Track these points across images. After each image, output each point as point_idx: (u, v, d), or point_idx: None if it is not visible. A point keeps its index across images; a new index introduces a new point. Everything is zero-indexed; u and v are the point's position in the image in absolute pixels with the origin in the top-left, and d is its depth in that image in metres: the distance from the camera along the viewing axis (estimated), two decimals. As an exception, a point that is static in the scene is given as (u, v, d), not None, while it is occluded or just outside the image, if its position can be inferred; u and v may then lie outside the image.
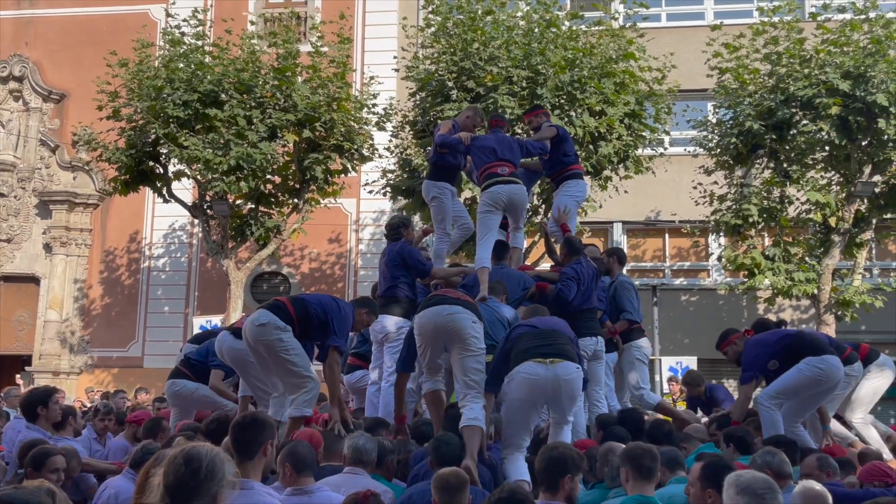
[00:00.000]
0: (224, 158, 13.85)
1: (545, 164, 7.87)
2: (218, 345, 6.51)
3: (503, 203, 7.17)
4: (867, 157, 13.67)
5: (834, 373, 6.11)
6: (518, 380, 5.14)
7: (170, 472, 2.46)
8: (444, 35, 13.91)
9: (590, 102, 13.03)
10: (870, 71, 12.68)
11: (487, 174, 7.20)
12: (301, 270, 19.00)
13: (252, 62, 14.58)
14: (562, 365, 5.14)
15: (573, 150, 7.83)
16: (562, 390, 5.16)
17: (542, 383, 5.10)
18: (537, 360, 5.11)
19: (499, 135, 7.50)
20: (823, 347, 6.22)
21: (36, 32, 20.43)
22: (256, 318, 5.69)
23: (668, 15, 18.83)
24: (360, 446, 4.45)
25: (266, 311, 5.70)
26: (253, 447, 3.45)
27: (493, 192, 7.12)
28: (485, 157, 7.24)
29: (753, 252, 13.91)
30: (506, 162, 7.18)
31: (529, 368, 5.09)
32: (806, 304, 16.22)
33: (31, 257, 19.66)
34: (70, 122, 19.41)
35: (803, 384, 6.10)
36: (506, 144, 7.31)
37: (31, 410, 5.94)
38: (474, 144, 7.33)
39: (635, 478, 4.05)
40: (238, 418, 3.59)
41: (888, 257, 17.74)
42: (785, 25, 13.83)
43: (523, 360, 5.14)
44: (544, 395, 5.21)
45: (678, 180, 16.13)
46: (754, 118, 13.49)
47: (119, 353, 19.13)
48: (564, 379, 5.14)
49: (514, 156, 7.28)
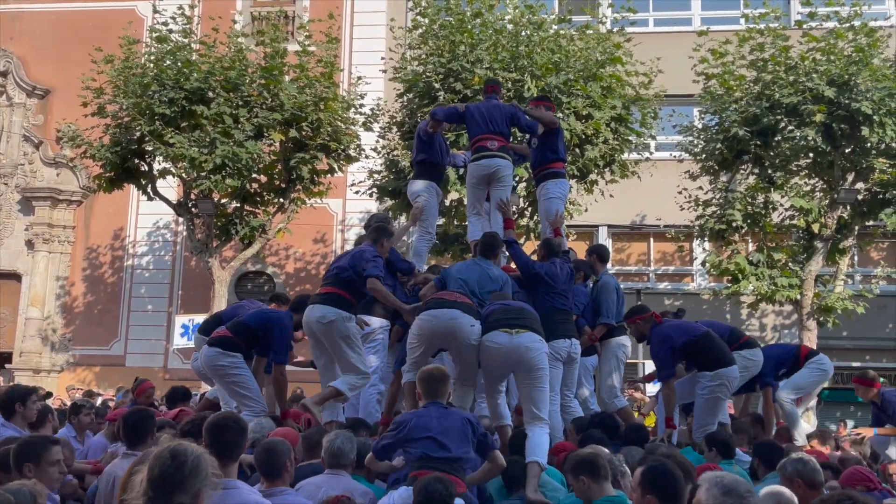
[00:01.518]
0: (210, 157, 13.78)
1: (533, 153, 7.82)
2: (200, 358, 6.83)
3: (488, 176, 7.41)
4: (850, 165, 13.76)
5: (731, 382, 6.69)
6: (484, 348, 5.49)
7: (155, 465, 2.51)
8: (432, 37, 13.90)
9: (576, 106, 13.05)
10: (854, 79, 12.78)
11: (477, 146, 7.41)
12: (286, 270, 18.91)
13: (239, 60, 14.50)
14: (525, 335, 5.44)
15: (563, 147, 7.78)
16: (523, 358, 5.42)
17: (504, 351, 5.42)
18: (504, 329, 5.43)
19: (491, 103, 7.58)
20: (719, 359, 6.68)
21: (21, 27, 20.24)
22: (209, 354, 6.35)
23: (656, 20, 18.90)
24: (336, 447, 4.39)
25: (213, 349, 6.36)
26: (235, 449, 3.43)
27: (480, 165, 7.40)
28: (477, 128, 7.41)
29: (737, 257, 13.97)
30: (495, 135, 7.34)
31: (494, 337, 5.43)
32: (789, 309, 16.32)
33: (12, 254, 19.46)
34: (54, 119, 19.22)
35: (707, 401, 6.67)
36: (497, 114, 7.41)
37: (8, 408, 5.87)
38: (469, 112, 7.48)
39: (595, 481, 4.06)
40: (216, 420, 3.53)
41: (870, 264, 17.87)
42: (771, 33, 13.90)
43: (491, 329, 5.48)
44: (506, 365, 5.53)
45: (663, 185, 16.17)
46: (739, 124, 13.55)
47: (101, 351, 18.96)
48: (526, 346, 5.41)
49: (504, 127, 7.42)
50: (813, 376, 7.59)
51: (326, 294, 6.14)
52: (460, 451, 4.32)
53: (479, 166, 7.41)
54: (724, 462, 5.28)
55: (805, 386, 7.60)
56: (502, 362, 5.55)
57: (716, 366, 6.63)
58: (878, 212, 13.86)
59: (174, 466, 2.51)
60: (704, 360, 6.71)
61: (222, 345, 6.31)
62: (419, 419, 4.43)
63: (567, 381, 6.77)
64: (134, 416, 4.73)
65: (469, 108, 7.55)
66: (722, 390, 6.62)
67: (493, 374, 5.70)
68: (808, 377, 7.57)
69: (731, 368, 6.64)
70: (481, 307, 5.90)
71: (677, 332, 6.80)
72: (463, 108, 7.57)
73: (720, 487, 3.00)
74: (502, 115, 7.42)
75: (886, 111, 12.78)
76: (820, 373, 7.60)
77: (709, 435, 5.80)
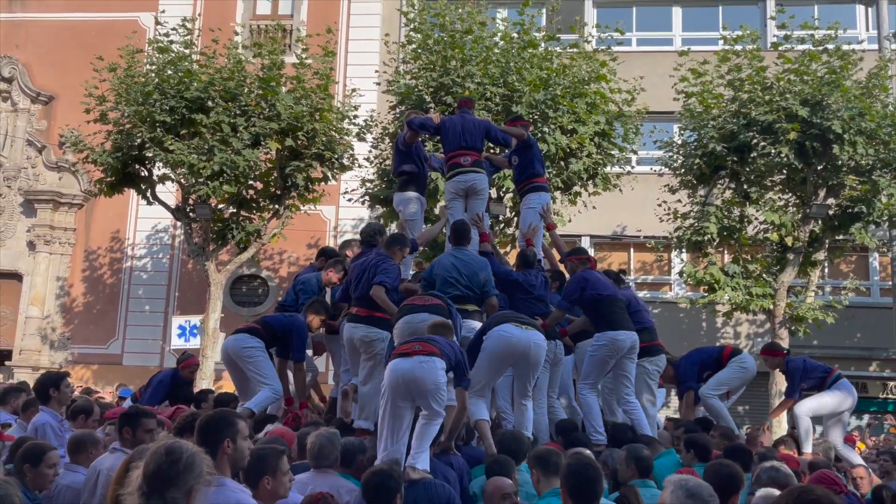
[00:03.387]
0: (208, 163, 13.75)
1: (515, 170, 7.92)
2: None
3: (464, 190, 7.45)
4: (822, 181, 13.86)
5: (616, 347, 6.69)
6: (494, 336, 5.68)
7: (151, 461, 2.54)
8: (425, 52, 13.93)
9: (562, 121, 13.09)
10: (826, 99, 12.88)
11: (452, 163, 7.45)
12: (280, 274, 18.85)
13: (238, 71, 14.48)
14: (534, 332, 5.77)
15: (540, 160, 7.86)
16: (530, 352, 5.70)
17: (514, 342, 5.66)
18: (515, 323, 5.71)
19: (466, 117, 7.56)
20: (610, 323, 6.72)
21: (27, 35, 20.14)
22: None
23: (639, 40, 19.02)
24: (318, 447, 4.38)
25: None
26: (209, 448, 3.24)
27: (455, 181, 7.45)
28: (451, 143, 7.43)
29: (713, 268, 14.03)
30: (469, 150, 7.38)
31: (507, 328, 5.68)
32: (762, 318, 16.39)
33: (14, 254, 19.31)
34: (57, 124, 19.14)
35: (592, 358, 6.83)
36: (471, 128, 7.43)
37: (44, 393, 6.00)
38: (444, 126, 7.50)
39: (544, 475, 4.14)
40: (202, 418, 3.48)
41: (840, 276, 17.99)
42: (748, 54, 14.00)
43: (502, 322, 5.73)
44: (514, 356, 5.75)
45: (644, 197, 16.24)
46: (717, 140, 13.63)
47: (99, 350, 18.83)
48: (534, 342, 5.72)
49: (477, 142, 7.45)
50: (734, 374, 7.68)
51: (422, 304, 5.95)
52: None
53: (455, 182, 7.44)
54: (699, 465, 5.26)
55: (726, 381, 7.68)
56: (510, 353, 5.74)
57: (605, 328, 6.66)
58: (848, 226, 13.96)
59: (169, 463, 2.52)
60: (601, 320, 6.72)
61: (249, 332, 6.89)
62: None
63: (552, 382, 6.81)
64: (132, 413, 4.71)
65: (444, 122, 7.54)
66: (603, 350, 6.64)
67: (496, 365, 5.85)
68: (730, 374, 7.66)
69: (618, 333, 6.63)
70: (481, 297, 6.33)
71: (593, 283, 6.80)
72: (438, 121, 7.56)
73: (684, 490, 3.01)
74: (476, 129, 7.44)
75: (857, 130, 12.89)
76: (741, 370, 7.69)
77: (689, 437, 5.79)
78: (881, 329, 16.42)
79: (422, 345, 4.95)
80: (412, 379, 4.78)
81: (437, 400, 4.82)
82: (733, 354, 7.78)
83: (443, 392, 4.85)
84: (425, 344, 4.95)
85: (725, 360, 7.74)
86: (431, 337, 5.11)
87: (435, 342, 5.00)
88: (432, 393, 4.79)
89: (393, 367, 4.89)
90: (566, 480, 3.49)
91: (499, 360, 5.82)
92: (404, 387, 4.81)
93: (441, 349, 4.93)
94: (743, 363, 7.69)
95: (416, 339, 5.08)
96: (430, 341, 5.00)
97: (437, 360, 4.85)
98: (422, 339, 5.08)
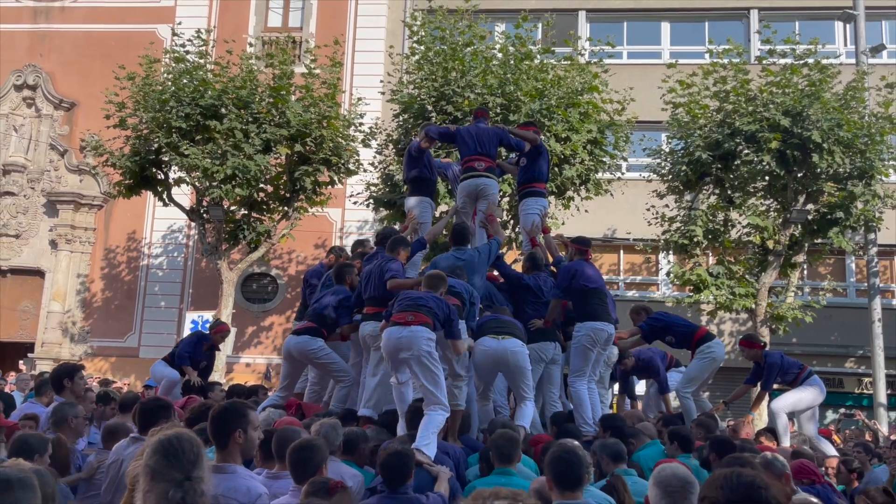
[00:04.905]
0: (221, 167, 13.78)
1: (520, 171, 7.88)
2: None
3: (475, 194, 7.51)
4: (802, 188, 13.88)
5: (596, 336, 6.72)
6: (478, 351, 6.04)
7: (157, 446, 2.53)
8: (427, 63, 13.94)
9: (556, 129, 13.10)
10: (807, 110, 12.90)
11: (466, 167, 7.51)
12: (288, 273, 18.86)
13: (250, 80, 14.50)
14: (510, 340, 6.01)
15: (546, 169, 7.84)
16: (509, 359, 5.99)
17: (491, 353, 5.99)
18: (492, 335, 6.02)
19: (480, 126, 7.63)
20: (590, 314, 6.74)
21: (50, 45, 20.15)
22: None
23: (629, 53, 19.02)
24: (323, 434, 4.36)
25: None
26: (222, 438, 3.29)
27: (468, 184, 7.50)
28: (466, 149, 7.50)
29: (699, 269, 14.05)
30: (483, 156, 7.44)
31: (486, 342, 6.02)
32: (744, 317, 16.41)
33: (37, 252, 19.33)
34: (78, 129, 19.15)
35: (576, 349, 6.82)
36: (485, 137, 7.48)
37: (58, 383, 6.02)
38: (459, 134, 7.57)
39: (500, 461, 4.28)
40: (214, 410, 3.45)
41: (818, 278, 18.01)
42: (733, 67, 14.01)
43: (483, 334, 6.07)
44: (496, 364, 6.09)
45: (633, 202, 16.26)
46: (703, 149, 13.64)
47: (117, 343, 18.85)
48: (511, 350, 5.98)
49: (491, 149, 7.50)
50: (703, 364, 7.60)
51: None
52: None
53: (467, 185, 7.49)
54: (683, 455, 5.26)
55: (697, 376, 7.62)
56: (492, 362, 6.05)
57: (587, 319, 6.67)
58: (826, 231, 13.97)
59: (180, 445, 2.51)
60: (583, 310, 6.72)
61: (309, 332, 6.77)
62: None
63: (552, 379, 6.84)
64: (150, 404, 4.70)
65: (459, 131, 7.61)
66: (585, 340, 6.65)
67: (483, 372, 6.22)
68: (699, 366, 7.59)
69: (597, 323, 6.65)
70: (487, 300, 6.48)
71: (583, 274, 6.77)
72: (454, 130, 7.64)
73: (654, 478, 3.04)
74: (490, 137, 7.48)
75: (835, 140, 12.91)
76: (709, 360, 7.60)
77: (672, 429, 5.79)
78: (857, 328, 16.43)
79: (414, 314, 5.36)
80: (407, 346, 5.29)
81: (427, 365, 5.28)
82: (702, 340, 7.62)
83: (433, 357, 5.34)
84: (417, 313, 5.37)
85: (695, 344, 7.63)
86: (423, 302, 5.44)
87: (426, 308, 5.39)
88: (419, 359, 5.28)
89: (388, 335, 5.42)
90: (549, 467, 3.48)
91: (483, 369, 6.18)
92: (397, 355, 5.36)
93: (432, 313, 5.39)
94: (711, 352, 7.57)
95: (410, 308, 5.42)
96: (422, 308, 5.39)
97: (426, 330, 5.32)
98: (415, 305, 5.44)
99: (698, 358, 7.59)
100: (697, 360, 7.59)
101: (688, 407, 7.50)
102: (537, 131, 8.02)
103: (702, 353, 7.58)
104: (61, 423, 5.05)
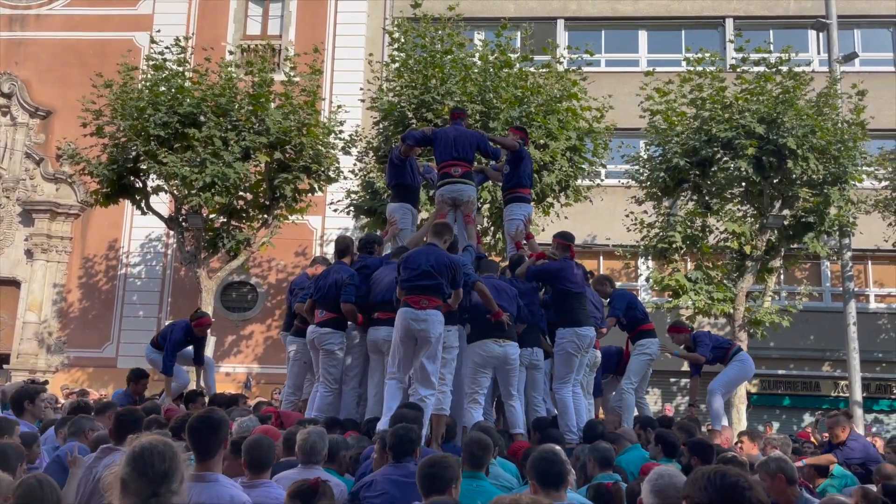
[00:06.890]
0: (200, 175, 13.66)
1: (504, 177, 7.85)
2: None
3: (452, 200, 7.46)
4: (778, 193, 14.03)
5: (580, 340, 6.81)
6: (477, 350, 6.29)
7: (132, 456, 2.47)
8: (407, 71, 13.94)
9: (536, 136, 13.14)
10: (781, 117, 13.06)
11: (442, 173, 7.41)
12: (268, 281, 18.73)
13: (229, 88, 14.42)
14: (510, 344, 6.34)
15: (529, 173, 7.81)
16: (508, 362, 6.36)
17: (492, 358, 6.32)
18: (493, 339, 6.26)
19: (458, 129, 7.49)
20: (571, 319, 6.84)
21: (26, 53, 19.90)
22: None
23: (607, 61, 19.16)
24: (310, 443, 4.32)
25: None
26: (211, 447, 3.24)
27: (445, 191, 7.42)
28: (443, 153, 7.37)
29: (677, 275, 14.14)
30: (459, 161, 7.33)
31: (487, 346, 6.29)
32: (723, 322, 16.53)
33: (12, 262, 19.03)
34: (55, 137, 18.92)
35: (559, 355, 6.93)
36: (463, 141, 7.35)
37: (18, 406, 5.89)
38: (436, 136, 7.44)
39: (470, 465, 4.19)
40: (191, 420, 3.36)
41: (794, 282, 18.20)
42: (709, 75, 14.16)
43: (483, 337, 6.31)
44: (493, 367, 6.38)
45: (612, 209, 16.34)
46: (680, 155, 13.77)
47: (94, 353, 18.57)
48: (511, 356, 6.35)
49: (468, 153, 7.42)
50: (640, 361, 7.83)
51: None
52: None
53: (444, 191, 7.41)
54: (665, 459, 5.27)
55: (637, 371, 7.81)
56: (491, 363, 6.35)
57: (571, 325, 6.74)
58: (802, 236, 14.12)
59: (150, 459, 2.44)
60: (566, 315, 6.80)
61: (334, 324, 6.69)
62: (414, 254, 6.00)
63: (534, 385, 6.82)
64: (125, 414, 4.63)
65: (436, 133, 7.50)
66: (569, 346, 6.73)
67: (479, 374, 6.39)
68: (637, 364, 7.82)
69: (581, 329, 6.74)
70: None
71: (566, 276, 6.86)
72: (430, 132, 7.53)
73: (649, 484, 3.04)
74: (468, 141, 7.38)
75: (809, 146, 13.08)
76: (646, 356, 7.84)
77: (658, 432, 5.79)
78: (832, 332, 16.62)
79: (428, 299, 5.76)
80: (423, 328, 5.76)
81: (434, 345, 5.80)
82: (639, 336, 7.86)
83: (441, 342, 5.86)
84: (432, 298, 5.77)
85: (633, 335, 7.88)
86: (432, 281, 5.80)
87: (434, 289, 5.80)
88: (429, 338, 5.79)
89: (403, 314, 5.82)
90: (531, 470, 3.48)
91: (480, 369, 6.34)
92: (413, 334, 5.81)
93: (440, 292, 5.82)
94: (645, 349, 7.80)
95: (421, 290, 5.78)
96: (430, 289, 5.78)
97: (439, 315, 5.79)
98: (425, 287, 5.79)
99: (633, 356, 7.90)
100: (634, 357, 7.89)
101: (629, 404, 7.73)
102: (525, 136, 7.98)
103: (636, 348, 7.90)
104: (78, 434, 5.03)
